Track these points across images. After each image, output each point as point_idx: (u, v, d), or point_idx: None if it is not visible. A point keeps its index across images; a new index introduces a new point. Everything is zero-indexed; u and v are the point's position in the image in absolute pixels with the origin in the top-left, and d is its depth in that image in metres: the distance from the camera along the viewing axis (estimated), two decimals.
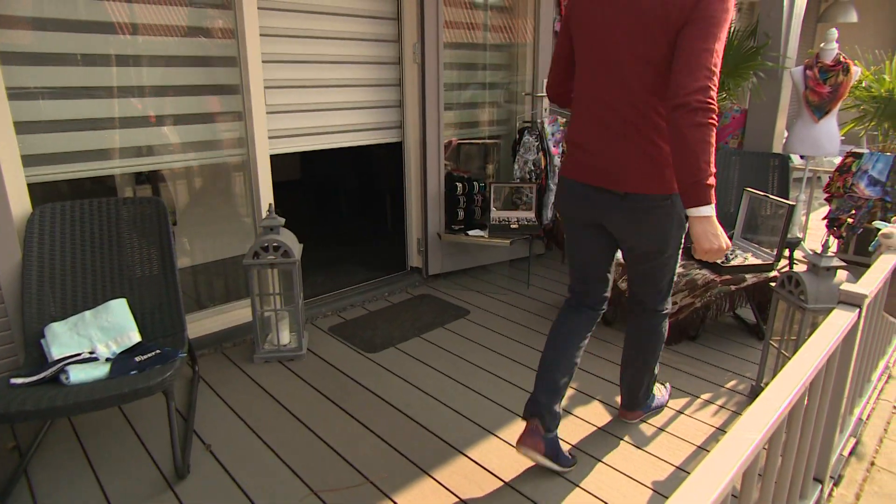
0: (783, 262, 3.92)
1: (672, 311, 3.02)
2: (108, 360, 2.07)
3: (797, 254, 3.69)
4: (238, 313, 3.07)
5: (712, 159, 1.54)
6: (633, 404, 2.35)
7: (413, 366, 2.84)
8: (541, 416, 1.99)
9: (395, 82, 3.58)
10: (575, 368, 2.03)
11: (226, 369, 2.79)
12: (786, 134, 4.32)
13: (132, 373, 1.97)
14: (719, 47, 1.57)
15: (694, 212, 1.60)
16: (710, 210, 1.59)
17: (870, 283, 1.83)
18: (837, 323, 1.60)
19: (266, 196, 3.00)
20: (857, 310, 1.69)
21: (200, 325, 2.94)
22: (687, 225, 1.81)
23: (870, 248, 2.40)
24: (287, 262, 2.72)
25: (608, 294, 2.13)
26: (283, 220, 2.74)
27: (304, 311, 3.07)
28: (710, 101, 1.53)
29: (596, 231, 1.98)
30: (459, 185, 3.88)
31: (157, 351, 2.09)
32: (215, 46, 2.74)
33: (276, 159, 3.16)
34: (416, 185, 3.81)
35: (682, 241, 1.95)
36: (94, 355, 2.06)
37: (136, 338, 2.16)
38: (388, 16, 3.46)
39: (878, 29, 8.97)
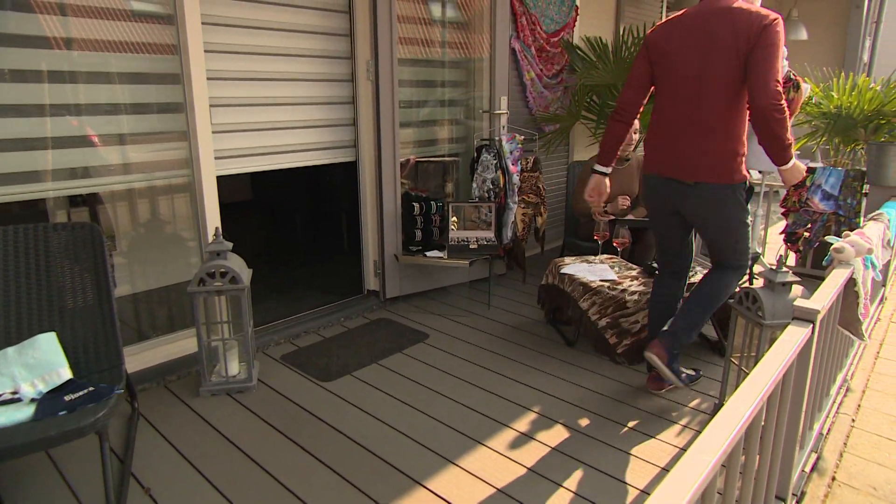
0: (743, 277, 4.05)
1: (634, 331, 3.09)
2: (33, 400, 1.98)
3: (756, 268, 3.81)
4: (183, 344, 2.99)
5: (790, 134, 2.27)
6: (666, 341, 2.65)
7: (370, 394, 2.81)
8: (659, 336, 2.66)
9: (348, 100, 3.60)
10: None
11: (169, 405, 2.70)
12: None
13: (61, 413, 1.89)
14: (779, 63, 2.21)
15: (784, 167, 2.34)
16: (793, 161, 2.33)
17: (822, 298, 1.90)
18: (791, 339, 1.66)
19: (213, 219, 2.95)
20: (811, 325, 1.76)
21: (141, 357, 2.85)
22: (749, 204, 2.50)
23: (823, 263, 2.50)
24: (235, 289, 2.67)
25: (690, 262, 2.80)
26: (230, 245, 2.70)
27: (254, 339, 3.01)
28: (783, 101, 2.19)
29: (673, 216, 2.62)
30: (417, 204, 3.90)
31: (91, 388, 2.01)
32: (157, 62, 2.71)
33: (225, 180, 3.12)
34: (371, 205, 3.80)
35: (746, 215, 2.49)
36: (17, 396, 1.97)
37: (66, 374, 2.08)
38: (341, 32, 3.49)
39: (827, 46, 9.47)
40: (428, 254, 3.78)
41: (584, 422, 2.60)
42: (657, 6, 6.41)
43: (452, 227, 3.93)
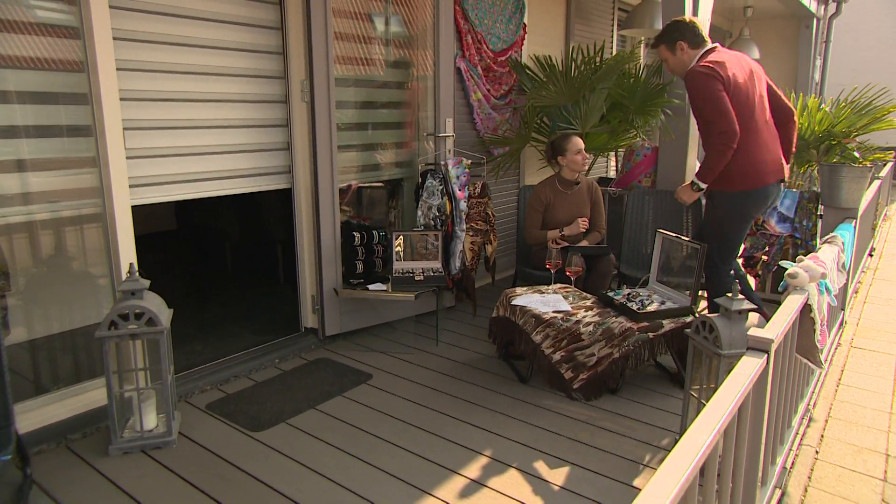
0: (703, 303, 4.16)
1: (590, 364, 3.12)
2: None
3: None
4: (90, 396, 2.84)
5: None
6: None
7: (307, 443, 2.73)
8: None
9: (282, 122, 3.57)
10: None
11: (71, 468, 2.56)
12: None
13: None
14: None
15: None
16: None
17: (776, 326, 1.96)
18: (745, 370, 1.70)
19: (127, 253, 2.85)
20: (765, 355, 1.81)
21: (39, 414, 2.69)
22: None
23: (779, 289, 2.59)
24: (152, 332, 2.58)
25: None
26: (146, 283, 2.61)
27: (175, 387, 2.90)
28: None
29: None
30: (358, 234, 3.87)
31: None
32: (61, 80, 2.62)
33: (144, 209, 3.03)
34: (308, 235, 3.76)
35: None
36: None
37: None
38: (273, 50, 3.47)
39: (779, 66, 10.00)
40: (370, 287, 3.76)
41: (539, 465, 2.59)
42: (608, 24, 6.65)
43: (396, 257, 3.91)
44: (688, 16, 3.28)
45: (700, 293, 3.85)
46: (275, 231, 4.97)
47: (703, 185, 3.26)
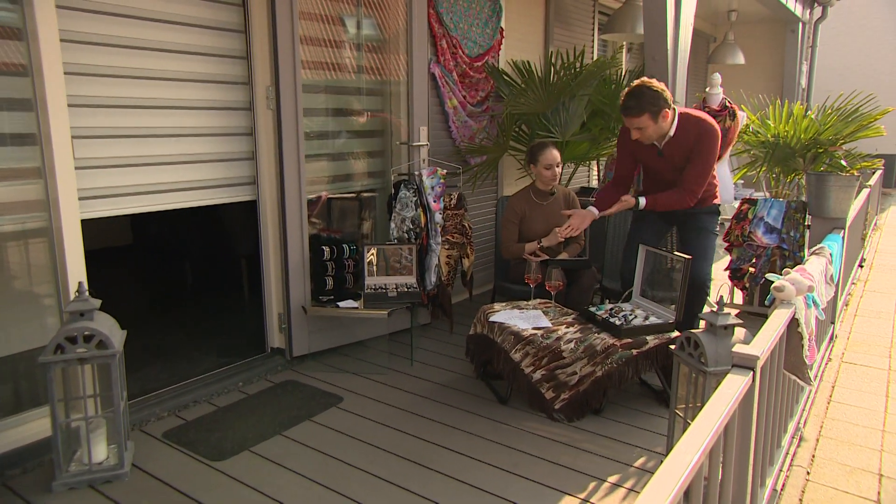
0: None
1: (572, 383, 3.11)
2: None
3: (705, 308, 3.95)
4: (32, 427, 2.75)
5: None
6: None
7: (272, 472, 2.68)
8: None
9: (246, 131, 3.55)
10: None
11: None
12: None
13: None
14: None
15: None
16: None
17: (762, 342, 1.97)
18: (731, 389, 1.70)
19: (76, 271, 2.79)
20: (751, 372, 1.81)
21: None
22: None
23: (766, 303, 2.61)
24: (103, 355, 2.51)
25: None
26: (97, 303, 2.55)
27: (128, 415, 2.84)
28: None
29: None
30: (327, 248, 3.85)
31: None
32: (2, 84, 2.57)
33: (98, 222, 2.97)
34: (275, 249, 3.73)
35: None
36: None
37: None
38: (236, 54, 3.45)
39: (765, 71, 10.20)
40: (341, 304, 3.74)
41: (519, 491, 2.56)
42: (588, 28, 6.73)
43: (369, 272, 3.89)
44: (654, 80, 3.35)
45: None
46: (239, 245, 4.92)
47: (641, 206, 3.51)
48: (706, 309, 3.50)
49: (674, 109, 3.38)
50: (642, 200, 3.50)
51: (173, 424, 3.10)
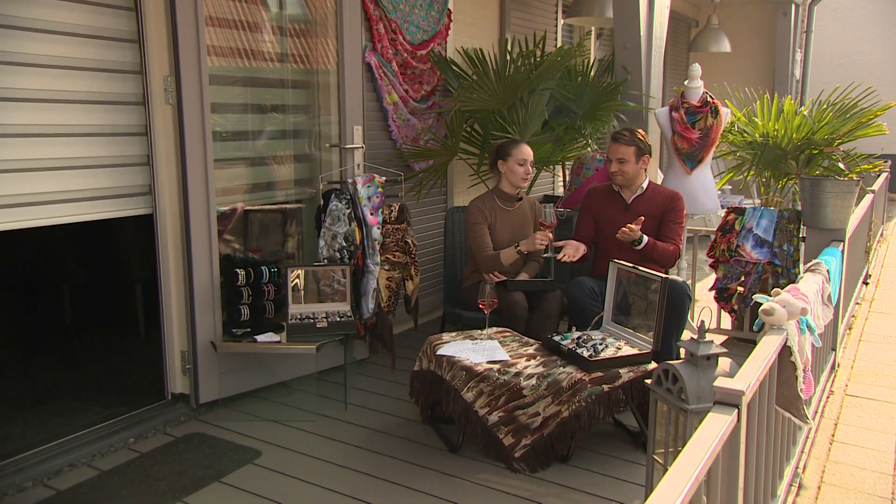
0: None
1: (534, 426, 3.12)
2: None
3: (685, 334, 4.02)
4: None
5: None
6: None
7: None
8: None
9: (138, 130, 3.50)
10: None
11: None
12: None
13: None
14: None
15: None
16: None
17: (748, 374, 2.01)
18: (712, 430, 1.73)
19: None
20: (735, 410, 1.84)
21: None
22: None
23: (753, 328, 2.67)
24: None
25: None
26: None
27: None
28: None
29: None
30: (242, 271, 3.80)
31: None
32: None
33: None
34: (176, 273, 3.68)
35: None
36: None
37: None
38: (124, 36, 3.41)
39: (753, 59, 10.52)
40: (259, 338, 3.71)
41: None
42: (550, 12, 6.85)
43: (293, 299, 3.87)
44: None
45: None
46: (132, 269, 4.85)
47: (640, 246, 3.82)
48: (686, 335, 3.57)
49: (647, 174, 4.03)
50: (645, 238, 3.81)
51: (41, 497, 2.99)
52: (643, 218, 3.77)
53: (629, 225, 3.72)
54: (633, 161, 3.89)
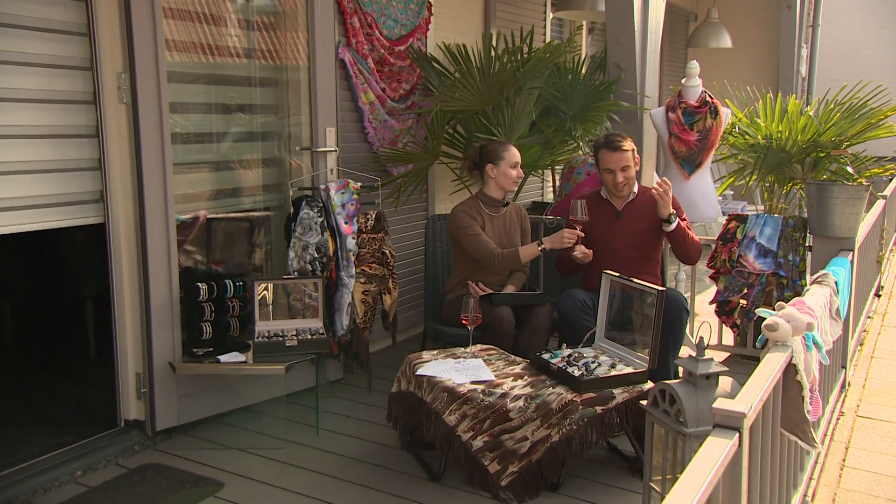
0: None
1: (522, 452, 3.11)
2: None
3: (684, 351, 4.03)
4: None
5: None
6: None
7: None
8: None
9: (88, 132, 3.49)
10: None
11: None
12: None
13: None
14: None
15: None
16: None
17: (751, 395, 2.00)
18: (711, 455, 1.72)
19: None
20: (737, 434, 1.84)
21: None
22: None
23: (756, 345, 2.67)
24: None
25: None
26: None
27: None
28: None
29: None
30: (204, 285, 3.77)
31: None
32: None
33: None
34: (131, 288, 3.66)
35: None
36: None
37: None
38: (72, 29, 3.38)
39: (755, 55, 10.60)
40: (222, 358, 3.69)
41: None
42: (539, 5, 6.89)
43: (261, 315, 3.86)
44: None
45: None
46: (82, 284, 4.81)
47: (672, 226, 3.89)
48: (684, 352, 3.57)
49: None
50: (675, 220, 3.87)
51: None
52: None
53: (664, 179, 3.87)
54: (634, 165, 3.94)
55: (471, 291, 3.89)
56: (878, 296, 6.84)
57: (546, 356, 3.42)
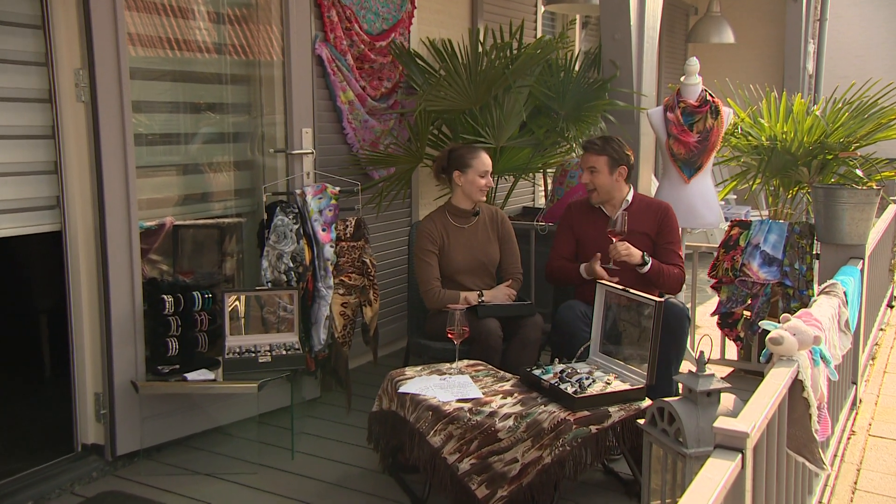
0: None
1: (512, 474, 3.10)
2: None
3: (684, 366, 4.03)
4: None
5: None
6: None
7: None
8: None
9: (43, 133, 3.49)
10: None
11: None
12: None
13: None
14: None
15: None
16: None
17: (754, 413, 2.00)
18: (712, 478, 1.71)
19: None
20: (739, 455, 1.83)
21: None
22: None
23: (760, 359, 2.67)
24: None
25: None
26: None
27: None
28: None
29: None
30: (170, 297, 3.76)
31: None
32: None
33: None
34: (90, 300, 3.65)
35: None
36: None
37: None
38: (24, 21, 3.38)
39: (759, 51, 10.66)
40: (190, 376, 3.69)
41: None
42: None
43: (231, 329, 3.86)
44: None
45: None
46: (36, 296, 4.81)
47: (646, 267, 3.90)
48: (685, 367, 3.57)
49: (630, 186, 4.12)
50: (650, 261, 3.90)
51: None
52: (619, 239, 3.82)
53: (616, 242, 3.78)
54: (605, 172, 3.96)
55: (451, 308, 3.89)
56: (891, 306, 6.87)
57: (537, 372, 3.41)
